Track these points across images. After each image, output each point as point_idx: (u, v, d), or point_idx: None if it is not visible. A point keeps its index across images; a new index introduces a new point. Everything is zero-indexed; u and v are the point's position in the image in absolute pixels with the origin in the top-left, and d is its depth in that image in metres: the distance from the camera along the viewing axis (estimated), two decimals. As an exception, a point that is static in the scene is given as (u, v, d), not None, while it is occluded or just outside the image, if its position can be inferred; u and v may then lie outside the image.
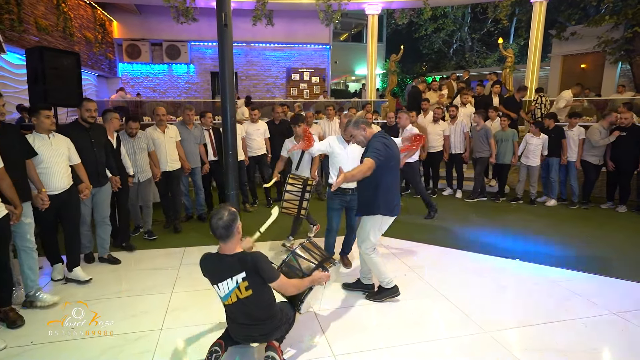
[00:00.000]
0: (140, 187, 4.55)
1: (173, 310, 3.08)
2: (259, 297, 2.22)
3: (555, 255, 4.20)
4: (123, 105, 10.78)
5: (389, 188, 3.00)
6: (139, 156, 4.47)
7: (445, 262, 4.07)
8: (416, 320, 2.97)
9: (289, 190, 3.94)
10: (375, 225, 3.08)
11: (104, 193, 3.91)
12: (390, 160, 2.93)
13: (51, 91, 4.25)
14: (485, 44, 22.07)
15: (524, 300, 3.25)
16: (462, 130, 6.75)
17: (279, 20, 12.44)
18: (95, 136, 3.77)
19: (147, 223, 4.72)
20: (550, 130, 6.38)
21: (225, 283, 2.20)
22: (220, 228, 2.13)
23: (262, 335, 2.30)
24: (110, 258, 4.01)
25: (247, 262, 2.16)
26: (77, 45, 10.29)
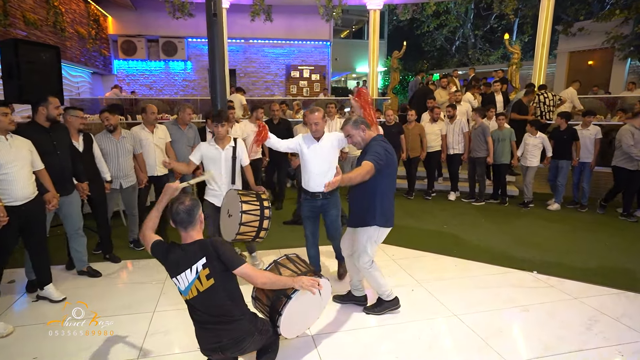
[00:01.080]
0: (123, 194, 4.16)
1: (153, 333, 2.75)
2: (221, 287, 1.96)
3: (575, 267, 3.86)
4: (118, 102, 10.44)
5: (385, 196, 2.78)
6: (123, 159, 4.03)
7: (456, 276, 3.72)
8: (429, 345, 2.63)
9: (246, 211, 3.12)
10: (371, 238, 2.82)
11: (73, 202, 3.47)
12: (389, 166, 2.73)
13: (27, 87, 3.89)
14: (489, 40, 21.68)
15: (546, 322, 2.90)
16: (462, 130, 6.41)
17: (278, 16, 12.09)
18: (57, 138, 3.33)
19: (132, 232, 4.33)
20: (563, 131, 6.02)
21: (184, 275, 1.96)
22: (182, 213, 1.94)
23: (233, 341, 1.98)
24: (90, 271, 3.64)
25: (208, 247, 1.96)
26: (69, 41, 9.94)
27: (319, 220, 3.36)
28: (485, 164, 6.29)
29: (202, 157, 3.47)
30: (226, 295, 1.97)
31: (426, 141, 6.47)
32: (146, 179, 4.27)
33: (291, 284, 2.11)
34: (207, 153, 3.46)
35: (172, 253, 2.00)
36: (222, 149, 3.47)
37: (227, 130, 3.51)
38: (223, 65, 3.56)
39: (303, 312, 2.30)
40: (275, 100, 11.61)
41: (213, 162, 3.48)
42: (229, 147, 3.50)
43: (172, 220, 1.97)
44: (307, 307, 2.31)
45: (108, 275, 3.71)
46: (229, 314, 1.98)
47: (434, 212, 5.89)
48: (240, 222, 3.06)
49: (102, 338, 2.67)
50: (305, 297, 2.22)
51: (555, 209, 5.99)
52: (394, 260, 4.07)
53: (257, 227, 3.18)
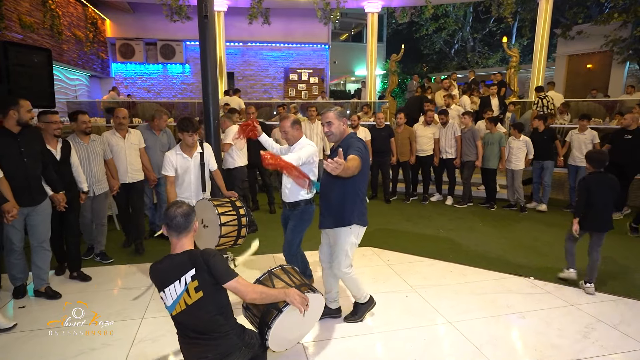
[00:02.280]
0: (95, 202, 3.90)
1: (141, 340, 2.69)
2: (210, 300, 1.86)
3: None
4: (114, 106, 10.40)
5: (363, 194, 2.74)
6: (94, 164, 3.81)
7: (451, 281, 3.66)
8: (422, 352, 2.57)
9: (225, 223, 2.98)
10: (350, 238, 2.71)
11: (41, 213, 3.17)
12: (365, 164, 2.66)
13: (17, 90, 3.85)
14: (487, 44, 21.70)
15: (543, 329, 2.84)
16: (454, 134, 6.35)
17: (277, 19, 12.09)
18: (26, 143, 3.03)
19: (99, 243, 4.06)
20: (541, 133, 6.07)
21: (172, 287, 1.86)
22: (180, 216, 1.87)
23: (220, 355, 1.88)
24: (48, 291, 3.27)
25: (198, 257, 1.86)
26: (66, 44, 9.92)
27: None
28: (473, 167, 6.27)
29: (176, 169, 3.39)
30: (214, 309, 1.87)
31: (415, 145, 6.42)
32: (118, 185, 4.05)
33: (282, 297, 2.02)
34: (177, 163, 3.38)
35: (160, 264, 1.92)
36: (191, 157, 3.41)
37: (196, 138, 3.40)
38: (215, 67, 3.51)
39: (293, 325, 2.21)
40: (273, 103, 11.62)
41: (184, 171, 3.41)
42: (196, 154, 3.44)
43: (166, 225, 1.89)
44: (298, 321, 2.21)
45: (97, 281, 3.65)
46: (217, 330, 1.89)
47: (431, 217, 5.83)
48: (220, 235, 2.94)
49: (94, 342, 2.61)
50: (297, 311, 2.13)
51: (543, 209, 6.01)
52: (389, 265, 4.01)
53: (235, 237, 3.10)
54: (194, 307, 1.83)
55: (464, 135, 6.23)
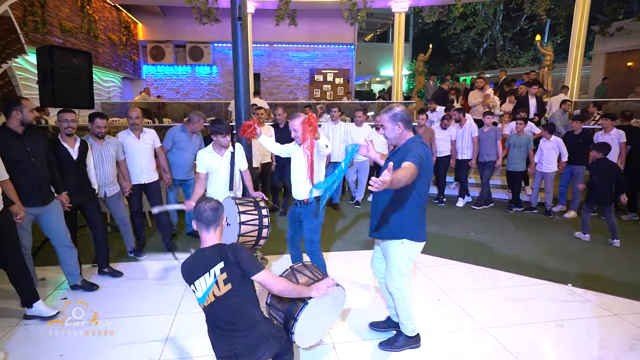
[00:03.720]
0: (108, 203, 3.87)
1: (174, 336, 2.75)
2: (239, 292, 1.92)
3: (614, 281, 3.62)
4: (145, 107, 10.72)
5: (420, 205, 2.44)
6: (107, 166, 3.75)
7: (484, 286, 3.56)
8: (454, 358, 2.51)
9: (245, 222, 2.97)
10: (403, 254, 2.44)
11: (53, 213, 3.15)
12: (424, 173, 2.38)
13: (60, 92, 4.05)
14: (518, 42, 21.03)
15: (584, 340, 2.72)
16: (471, 135, 6.18)
17: (303, 20, 12.14)
18: (31, 143, 3.01)
19: (129, 242, 4.09)
20: (577, 135, 5.78)
21: (203, 279, 1.92)
22: (209, 210, 1.96)
23: (248, 347, 1.92)
24: (85, 285, 3.37)
25: (226, 251, 1.93)
26: (102, 47, 10.32)
27: (299, 226, 3.22)
28: (493, 168, 6.12)
29: (207, 168, 3.43)
30: (243, 301, 1.93)
31: (435, 147, 6.30)
32: (130, 187, 3.98)
33: (308, 293, 2.09)
34: (208, 162, 3.43)
35: (190, 259, 2.00)
36: (222, 156, 3.46)
37: (229, 140, 3.45)
38: (247, 69, 3.55)
39: (318, 319, 2.23)
40: (299, 104, 11.68)
41: (214, 170, 3.45)
42: (227, 153, 3.48)
43: (196, 219, 1.97)
44: (323, 314, 2.23)
45: (130, 277, 3.76)
46: (245, 320, 1.94)
47: (461, 219, 5.70)
48: (239, 234, 2.92)
49: (130, 337, 2.70)
50: (321, 304, 2.17)
51: (572, 217, 5.72)
52: (418, 267, 3.94)
53: (255, 237, 3.07)
54: (223, 298, 1.90)
55: (486, 135, 6.07)
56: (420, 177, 2.28)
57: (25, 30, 7.00)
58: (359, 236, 4.88)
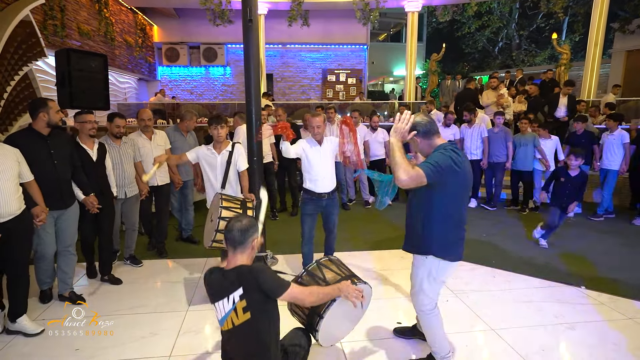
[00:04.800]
0: (125, 205, 3.81)
1: (185, 332, 2.81)
2: (258, 323, 1.79)
3: (630, 285, 3.54)
4: (160, 107, 10.91)
5: (448, 221, 2.15)
6: (127, 165, 3.72)
7: (494, 287, 3.53)
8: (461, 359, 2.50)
9: (224, 217, 2.86)
10: (429, 273, 2.23)
11: (70, 217, 3.13)
12: (454, 184, 2.09)
13: (77, 93, 4.16)
14: (535, 41, 20.65)
15: (595, 342, 2.67)
16: (480, 135, 6.09)
17: (315, 21, 12.19)
18: (56, 145, 2.98)
19: (129, 247, 3.98)
20: (580, 135, 5.73)
21: (222, 303, 1.82)
22: (236, 230, 1.82)
23: None
24: (72, 296, 3.20)
25: (245, 275, 1.78)
26: (118, 49, 10.54)
27: (317, 218, 3.50)
28: (504, 169, 6.06)
29: (197, 158, 3.47)
30: (260, 337, 1.79)
31: None
32: (147, 189, 3.94)
33: (337, 293, 1.95)
34: (204, 157, 3.45)
35: (213, 274, 1.89)
36: (219, 154, 3.43)
37: (225, 132, 3.44)
38: (258, 70, 3.59)
39: (343, 317, 2.15)
40: (311, 104, 11.72)
41: (210, 167, 3.45)
42: (225, 152, 3.44)
43: (225, 237, 1.89)
44: (348, 313, 2.14)
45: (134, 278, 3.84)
46: (260, 355, 1.80)
47: (474, 221, 5.62)
48: (217, 229, 2.82)
49: (144, 331, 2.77)
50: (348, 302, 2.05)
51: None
52: (428, 268, 3.92)
53: None
54: (240, 328, 1.78)
55: (496, 136, 6.01)
56: (441, 188, 2.07)
57: (45, 34, 7.21)
58: (368, 236, 4.89)
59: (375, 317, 2.93)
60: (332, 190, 3.40)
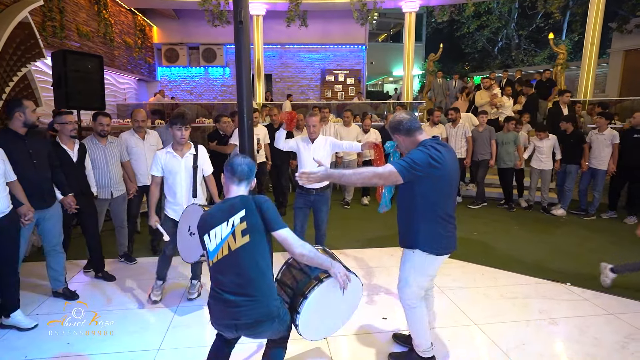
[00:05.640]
0: (113, 204, 3.82)
1: (175, 326, 2.88)
2: (255, 249, 1.79)
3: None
4: (160, 108, 11.00)
5: (433, 216, 2.15)
6: (112, 166, 3.71)
7: (481, 284, 3.59)
8: (444, 353, 2.55)
9: None
10: (414, 265, 2.24)
11: (53, 216, 3.13)
12: (437, 179, 2.08)
13: (73, 94, 4.26)
14: (534, 40, 20.67)
15: (575, 337, 2.73)
16: (464, 134, 6.24)
17: (314, 21, 12.25)
18: (33, 145, 2.97)
19: (122, 245, 4.00)
20: (569, 135, 5.80)
21: (219, 229, 1.81)
22: (245, 165, 1.92)
23: (252, 322, 1.77)
24: (66, 292, 3.25)
25: (249, 200, 1.85)
26: (117, 50, 10.63)
27: (309, 213, 3.65)
28: (487, 167, 6.22)
29: (162, 170, 3.11)
30: (257, 262, 1.79)
31: None
32: (135, 188, 3.93)
33: (328, 265, 1.89)
34: (166, 163, 3.09)
35: (211, 209, 1.91)
36: (181, 157, 3.11)
37: (188, 135, 3.14)
38: (249, 70, 3.64)
39: (329, 309, 2.02)
40: (309, 104, 11.78)
41: (171, 173, 3.10)
42: (188, 155, 3.14)
43: (230, 170, 1.89)
44: (334, 305, 2.02)
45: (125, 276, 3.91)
46: (256, 284, 1.79)
47: (465, 219, 5.69)
48: None
49: (135, 326, 2.84)
50: (336, 291, 1.95)
51: (560, 214, 5.81)
52: (418, 266, 3.98)
53: None
54: (237, 253, 1.78)
55: (480, 135, 6.17)
56: (422, 183, 2.07)
57: (44, 35, 7.29)
58: (361, 234, 4.95)
59: (365, 312, 2.99)
60: (320, 187, 3.52)
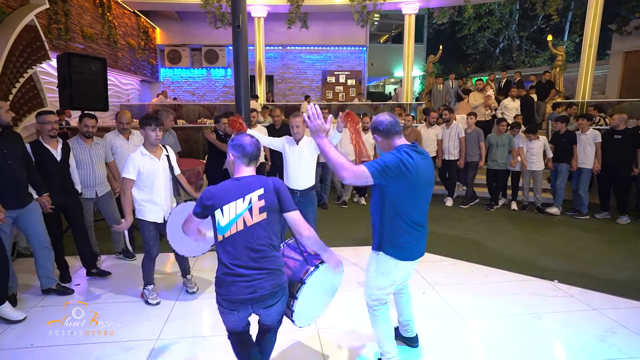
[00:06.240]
0: (100, 203, 3.86)
1: (174, 319, 3.01)
2: (271, 226, 1.88)
3: (603, 279, 3.69)
4: (162, 109, 11.14)
5: (395, 220, 2.13)
6: (97, 166, 3.76)
7: (471, 281, 3.69)
8: (429, 345, 2.66)
9: None
10: (377, 268, 2.22)
11: (31, 214, 3.12)
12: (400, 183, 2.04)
13: (77, 95, 4.39)
14: (536, 42, 20.70)
15: (558, 331, 2.83)
16: (457, 135, 6.34)
17: (315, 23, 12.40)
18: (8, 145, 2.96)
19: (118, 242, 4.09)
20: (562, 135, 5.92)
21: (234, 204, 1.83)
22: (252, 145, 1.93)
23: (269, 293, 1.84)
24: (59, 288, 3.32)
25: (267, 181, 1.90)
26: (121, 51, 10.80)
27: None
28: (477, 168, 6.32)
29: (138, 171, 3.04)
30: (271, 238, 1.88)
31: (422, 147, 6.37)
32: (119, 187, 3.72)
33: (325, 249, 2.02)
34: (143, 165, 3.05)
35: (221, 185, 1.92)
36: (158, 159, 3.14)
37: (161, 136, 3.15)
38: (247, 72, 3.80)
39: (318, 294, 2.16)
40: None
41: (150, 176, 3.07)
42: (163, 157, 3.19)
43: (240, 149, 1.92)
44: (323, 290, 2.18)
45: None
46: (271, 258, 1.87)
47: (461, 218, 5.80)
48: None
49: (135, 317, 2.97)
50: (327, 276, 2.10)
51: (554, 213, 5.92)
52: (410, 263, 4.09)
53: None
54: (253, 228, 1.83)
55: (469, 136, 6.29)
56: (390, 188, 2.06)
57: (50, 38, 7.46)
58: (355, 233, 5.07)
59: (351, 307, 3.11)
60: (305, 189, 3.51)
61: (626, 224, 5.41)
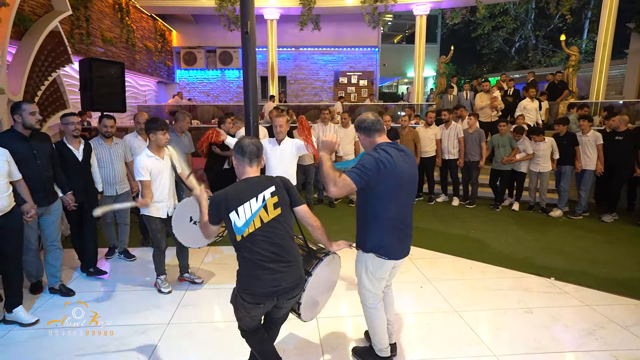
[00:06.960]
0: (117, 201, 3.95)
1: (185, 305, 3.23)
2: (286, 220, 1.97)
3: (600, 277, 3.75)
4: (178, 109, 11.49)
5: (382, 220, 2.16)
6: (117, 165, 3.94)
7: (468, 277, 3.81)
8: (422, 335, 2.81)
9: None
10: (364, 267, 2.27)
11: (54, 213, 3.31)
12: (381, 182, 2.07)
13: (97, 97, 4.68)
14: (553, 41, 20.39)
15: (548, 324, 2.93)
16: (456, 135, 6.42)
17: (327, 24, 12.56)
18: (37, 146, 3.16)
19: (123, 242, 4.20)
20: (562, 137, 5.93)
21: (248, 204, 1.90)
22: (253, 145, 2.01)
23: (291, 284, 1.93)
24: (62, 289, 3.40)
25: (275, 179, 2.02)
26: (139, 54, 11.19)
27: None
28: (479, 167, 6.39)
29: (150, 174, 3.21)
30: (288, 231, 1.98)
31: (420, 147, 6.51)
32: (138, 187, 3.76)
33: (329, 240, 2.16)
34: (151, 166, 3.21)
35: (231, 188, 1.97)
36: (162, 159, 3.30)
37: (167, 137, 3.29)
38: (255, 75, 3.99)
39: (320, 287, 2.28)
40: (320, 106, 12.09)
41: (159, 175, 3.27)
42: (166, 156, 3.34)
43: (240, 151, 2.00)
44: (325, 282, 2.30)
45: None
46: (291, 251, 1.97)
47: (464, 217, 5.89)
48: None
49: (148, 304, 3.20)
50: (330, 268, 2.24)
51: (557, 215, 5.91)
52: (410, 259, 4.21)
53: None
54: (271, 224, 1.92)
55: (470, 136, 6.35)
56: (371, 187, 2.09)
57: (72, 42, 7.83)
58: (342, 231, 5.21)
59: (346, 304, 3.28)
60: None
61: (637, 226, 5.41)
